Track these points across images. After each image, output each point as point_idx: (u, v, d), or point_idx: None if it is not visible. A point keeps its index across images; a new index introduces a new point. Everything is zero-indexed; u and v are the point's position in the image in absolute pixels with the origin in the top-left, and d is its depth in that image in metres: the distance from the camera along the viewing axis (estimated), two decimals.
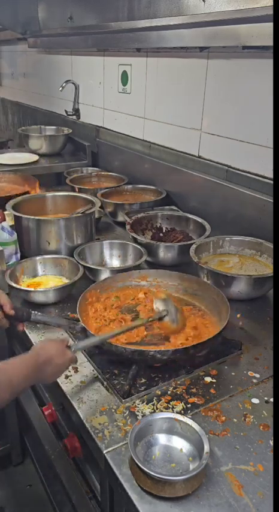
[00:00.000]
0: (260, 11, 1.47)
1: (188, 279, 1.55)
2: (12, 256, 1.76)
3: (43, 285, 1.63)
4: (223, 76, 1.92)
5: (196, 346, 1.18)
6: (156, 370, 1.21)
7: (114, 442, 1.01)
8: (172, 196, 2.31)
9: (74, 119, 3.34)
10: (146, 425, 0.98)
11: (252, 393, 1.16)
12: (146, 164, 2.50)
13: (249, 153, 1.85)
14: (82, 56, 3.14)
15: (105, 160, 2.95)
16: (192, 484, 0.88)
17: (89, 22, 2.62)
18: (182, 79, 2.18)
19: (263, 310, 1.55)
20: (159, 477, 0.87)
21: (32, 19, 3.30)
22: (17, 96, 4.64)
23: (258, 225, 1.78)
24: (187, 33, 1.88)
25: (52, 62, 3.65)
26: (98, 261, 1.82)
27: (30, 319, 1.28)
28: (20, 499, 2.17)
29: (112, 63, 2.75)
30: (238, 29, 1.62)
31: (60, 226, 1.81)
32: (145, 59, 2.42)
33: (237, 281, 1.51)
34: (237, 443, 1.01)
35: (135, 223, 1.97)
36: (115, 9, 2.31)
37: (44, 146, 3.07)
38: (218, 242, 1.79)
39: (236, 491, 0.90)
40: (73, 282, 1.57)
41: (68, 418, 1.30)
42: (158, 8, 1.98)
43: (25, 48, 3.81)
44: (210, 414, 1.08)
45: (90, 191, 2.36)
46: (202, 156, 2.14)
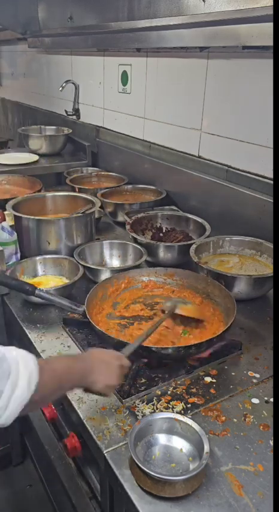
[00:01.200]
0: (260, 11, 1.47)
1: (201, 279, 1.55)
2: (12, 256, 1.76)
3: (43, 285, 1.63)
4: (223, 76, 1.92)
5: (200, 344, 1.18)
6: (156, 370, 1.21)
7: (114, 442, 1.01)
8: (172, 196, 2.31)
9: (74, 119, 3.34)
10: (146, 425, 0.98)
11: (252, 393, 1.16)
12: (146, 164, 2.50)
13: (249, 153, 1.85)
14: (82, 56, 3.14)
15: (105, 160, 2.95)
16: (192, 484, 0.88)
17: (89, 22, 2.62)
18: (182, 79, 2.18)
19: (263, 310, 1.55)
20: (159, 477, 0.87)
21: (32, 19, 3.30)
22: (17, 96, 4.64)
23: (258, 225, 1.78)
24: (187, 33, 1.88)
25: (52, 62, 3.65)
26: (98, 261, 1.82)
27: (34, 294, 1.38)
28: (20, 499, 2.17)
29: (112, 63, 2.75)
30: (238, 29, 1.62)
31: (60, 226, 1.81)
32: (145, 59, 2.42)
33: (237, 281, 1.51)
34: (237, 443, 1.01)
35: (135, 223, 1.97)
36: (115, 9, 2.31)
37: (44, 146, 3.07)
38: (218, 242, 1.79)
39: (236, 491, 0.90)
40: (73, 282, 1.57)
41: (68, 418, 1.30)
42: (158, 8, 1.98)
43: (25, 48, 3.81)
44: (210, 414, 1.08)
45: (90, 191, 2.36)
46: (202, 156, 2.14)
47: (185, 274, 1.58)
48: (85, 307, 1.35)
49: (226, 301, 1.40)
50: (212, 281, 1.50)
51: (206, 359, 1.25)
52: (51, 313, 1.51)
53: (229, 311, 1.35)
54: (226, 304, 1.40)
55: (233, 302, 1.35)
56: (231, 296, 1.39)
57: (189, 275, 1.57)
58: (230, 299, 1.38)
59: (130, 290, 1.56)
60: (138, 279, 1.59)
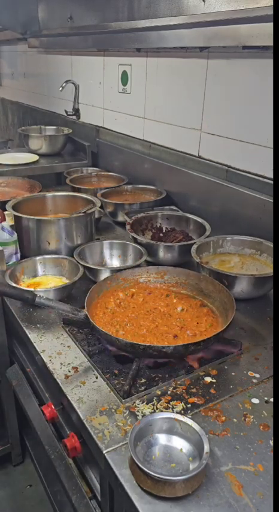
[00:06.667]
0: (260, 11, 1.47)
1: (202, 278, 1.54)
2: (12, 256, 1.76)
3: (43, 285, 1.63)
4: (223, 76, 1.92)
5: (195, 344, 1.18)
6: (156, 370, 1.21)
7: (114, 442, 1.01)
8: (172, 196, 2.31)
9: (74, 119, 3.34)
10: (146, 425, 0.98)
11: (252, 393, 1.16)
12: (146, 164, 2.50)
13: (249, 153, 1.85)
14: (82, 56, 3.14)
15: (105, 160, 2.95)
16: (192, 484, 0.88)
17: (89, 22, 2.62)
18: (182, 79, 2.18)
19: (263, 310, 1.55)
20: (159, 477, 0.87)
21: (32, 19, 3.30)
22: (17, 96, 4.64)
23: (258, 225, 1.78)
24: (187, 33, 1.88)
25: (52, 62, 3.65)
26: (98, 261, 1.82)
27: (34, 302, 1.33)
28: (20, 499, 2.17)
29: (112, 63, 2.75)
30: (238, 29, 1.62)
31: (60, 226, 1.81)
32: (145, 59, 2.42)
33: (240, 280, 1.51)
34: (237, 443, 1.01)
35: (135, 223, 1.97)
36: (115, 9, 2.31)
37: (44, 146, 3.07)
38: (218, 242, 1.79)
39: (236, 491, 0.90)
40: (73, 282, 1.57)
41: (68, 418, 1.30)
42: (158, 8, 1.98)
43: (25, 48, 3.81)
44: (210, 414, 1.08)
45: (90, 191, 2.36)
46: (202, 156, 2.14)
47: (176, 272, 1.58)
48: (86, 311, 1.34)
49: (222, 295, 1.41)
50: (205, 277, 1.50)
51: (206, 359, 1.25)
52: (51, 313, 1.51)
53: (226, 305, 1.36)
54: (222, 299, 1.40)
55: (229, 296, 1.35)
56: (227, 290, 1.39)
57: (180, 272, 1.57)
58: (225, 293, 1.38)
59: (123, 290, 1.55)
60: (130, 278, 1.58)
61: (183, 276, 1.57)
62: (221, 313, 1.41)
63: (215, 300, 1.46)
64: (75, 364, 1.26)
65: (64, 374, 1.22)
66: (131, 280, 1.57)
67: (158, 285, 1.58)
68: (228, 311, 1.34)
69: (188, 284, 1.55)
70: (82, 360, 1.27)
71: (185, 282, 1.56)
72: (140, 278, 1.58)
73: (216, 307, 1.45)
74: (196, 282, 1.53)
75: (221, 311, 1.41)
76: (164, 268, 1.60)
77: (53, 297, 1.52)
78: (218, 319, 1.40)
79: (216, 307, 1.45)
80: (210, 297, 1.48)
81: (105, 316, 1.41)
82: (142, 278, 1.59)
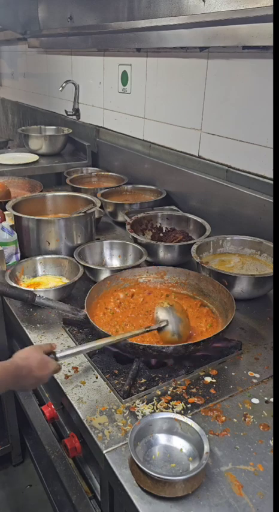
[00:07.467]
0: (260, 11, 1.47)
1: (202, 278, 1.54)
2: (12, 256, 1.76)
3: (43, 285, 1.63)
4: (223, 76, 1.92)
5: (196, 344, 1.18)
6: (156, 370, 1.21)
7: (114, 442, 1.01)
8: (172, 196, 2.32)
9: (74, 119, 3.34)
10: (146, 425, 0.98)
11: (252, 393, 1.16)
12: (146, 164, 2.50)
13: (249, 153, 1.85)
14: (82, 56, 3.14)
15: (105, 160, 2.95)
16: (192, 484, 0.88)
17: (89, 22, 2.62)
18: (182, 79, 2.18)
19: (263, 310, 1.55)
20: (159, 477, 0.87)
21: (32, 19, 3.31)
22: (17, 96, 4.64)
23: (258, 225, 1.78)
24: (187, 33, 1.88)
25: (52, 62, 3.65)
26: (98, 261, 1.82)
27: (34, 302, 1.33)
28: (20, 499, 2.17)
29: (112, 63, 2.75)
30: (238, 29, 1.62)
31: (60, 226, 1.81)
32: (145, 59, 2.42)
33: (240, 280, 1.51)
34: (237, 443, 1.01)
35: (135, 223, 1.97)
36: (115, 9, 2.32)
37: (44, 146, 3.07)
38: (218, 242, 1.79)
39: (236, 491, 0.90)
40: (73, 282, 1.57)
41: (68, 418, 1.30)
42: (158, 8, 1.98)
43: (25, 48, 3.82)
44: (210, 414, 1.08)
45: (90, 191, 2.36)
46: (202, 156, 2.14)
47: (176, 272, 1.58)
48: (86, 311, 1.34)
49: (222, 296, 1.41)
50: (205, 277, 1.50)
51: (207, 359, 1.25)
52: (51, 313, 1.51)
53: (226, 305, 1.35)
54: (222, 299, 1.40)
55: (229, 296, 1.35)
56: (227, 290, 1.39)
57: (180, 273, 1.57)
58: (225, 293, 1.38)
59: (122, 290, 1.55)
60: (130, 278, 1.58)
61: (183, 276, 1.57)
62: (221, 313, 1.41)
63: (215, 300, 1.46)
64: (75, 364, 1.26)
65: (64, 374, 1.22)
66: (131, 280, 1.57)
67: (158, 285, 1.58)
68: (228, 311, 1.34)
69: (188, 284, 1.56)
70: (82, 360, 1.27)
71: (185, 282, 1.56)
72: (140, 278, 1.59)
73: (216, 307, 1.45)
74: (196, 282, 1.53)
75: (221, 311, 1.41)
76: (164, 268, 1.60)
77: (53, 297, 1.52)
78: (218, 319, 1.40)
79: (216, 307, 1.45)
80: (210, 297, 1.48)
81: (105, 316, 1.41)
82: (142, 278, 1.59)
